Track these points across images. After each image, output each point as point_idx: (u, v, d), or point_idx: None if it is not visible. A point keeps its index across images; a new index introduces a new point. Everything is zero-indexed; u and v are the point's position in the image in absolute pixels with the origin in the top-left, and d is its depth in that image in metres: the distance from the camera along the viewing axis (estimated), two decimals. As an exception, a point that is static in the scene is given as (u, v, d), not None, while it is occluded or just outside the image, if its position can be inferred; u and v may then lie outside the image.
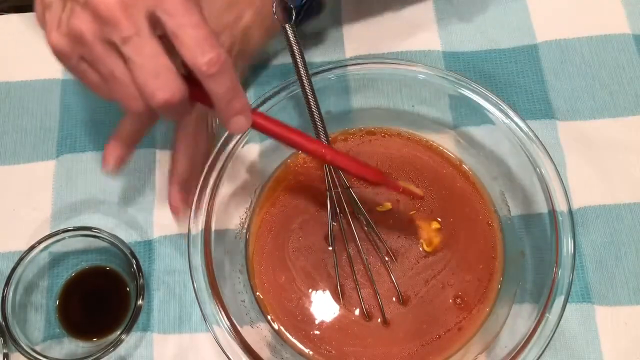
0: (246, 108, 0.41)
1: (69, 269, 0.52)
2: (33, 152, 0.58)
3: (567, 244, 0.47)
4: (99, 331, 0.51)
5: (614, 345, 0.50)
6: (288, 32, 0.49)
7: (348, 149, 0.56)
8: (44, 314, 0.52)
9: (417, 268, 0.52)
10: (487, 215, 0.53)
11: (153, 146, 0.57)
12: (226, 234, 0.52)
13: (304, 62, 0.49)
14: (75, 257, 0.53)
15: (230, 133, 0.41)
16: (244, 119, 0.41)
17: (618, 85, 0.58)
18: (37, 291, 0.52)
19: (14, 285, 0.49)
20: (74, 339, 0.51)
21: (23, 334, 0.48)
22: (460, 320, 0.50)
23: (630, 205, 0.54)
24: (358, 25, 0.62)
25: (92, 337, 0.51)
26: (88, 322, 0.52)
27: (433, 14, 0.62)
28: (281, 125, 0.43)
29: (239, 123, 0.41)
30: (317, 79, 0.52)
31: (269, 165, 0.55)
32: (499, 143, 0.52)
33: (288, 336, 0.50)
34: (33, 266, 0.50)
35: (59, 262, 0.52)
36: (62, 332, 0.51)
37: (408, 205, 0.54)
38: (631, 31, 0.60)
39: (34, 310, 0.52)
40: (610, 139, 0.56)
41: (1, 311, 0.47)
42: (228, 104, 0.39)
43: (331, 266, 0.51)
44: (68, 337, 0.51)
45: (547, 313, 0.45)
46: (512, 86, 0.59)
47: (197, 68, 0.37)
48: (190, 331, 0.51)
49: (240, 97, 0.40)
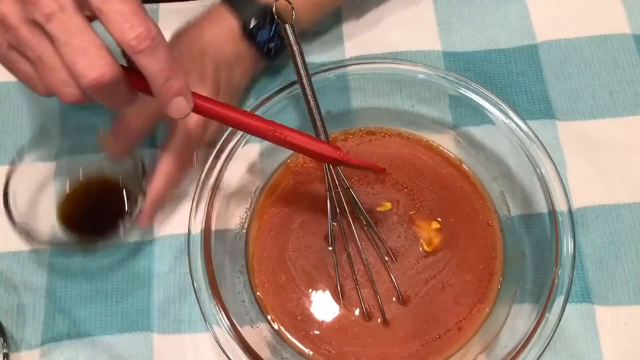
0: (185, 89, 0.39)
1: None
2: (33, 152, 0.57)
3: (567, 244, 0.47)
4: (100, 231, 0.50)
5: (614, 345, 0.50)
6: (288, 32, 0.49)
7: (348, 149, 0.56)
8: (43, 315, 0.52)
9: (417, 268, 0.52)
10: (487, 215, 0.53)
11: (153, 146, 0.57)
12: (226, 234, 0.52)
13: (304, 62, 0.49)
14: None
15: (172, 116, 0.39)
16: (184, 101, 0.39)
17: (618, 85, 0.58)
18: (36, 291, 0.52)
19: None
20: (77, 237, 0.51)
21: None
22: (460, 320, 0.50)
23: (630, 205, 0.54)
24: (358, 25, 0.62)
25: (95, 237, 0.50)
26: (90, 224, 0.51)
27: (433, 14, 0.62)
28: (227, 107, 0.42)
29: (179, 105, 0.39)
30: (317, 79, 0.52)
31: (269, 165, 0.55)
32: (499, 143, 0.52)
33: (288, 336, 0.50)
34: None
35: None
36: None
37: (408, 205, 0.54)
38: (631, 31, 0.60)
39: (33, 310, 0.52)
40: (610, 139, 0.56)
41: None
42: (164, 84, 0.37)
43: (331, 266, 0.51)
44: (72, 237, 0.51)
45: (547, 313, 0.45)
46: (512, 86, 0.59)
47: (126, 44, 0.35)
48: (190, 331, 0.51)
49: (178, 76, 0.38)
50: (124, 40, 0.35)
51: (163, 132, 0.57)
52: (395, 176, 0.55)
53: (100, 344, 0.51)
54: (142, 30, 0.35)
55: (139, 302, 0.52)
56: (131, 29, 0.35)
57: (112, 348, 0.51)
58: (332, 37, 0.61)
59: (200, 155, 0.53)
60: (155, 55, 0.36)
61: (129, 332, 0.51)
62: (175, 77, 0.38)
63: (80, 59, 0.35)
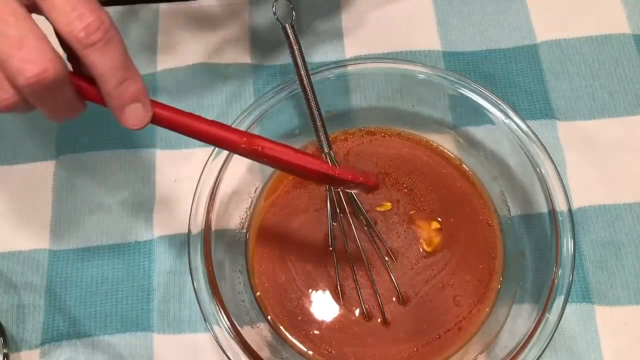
0: (143, 94, 0.33)
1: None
2: (33, 152, 0.58)
3: (567, 244, 0.47)
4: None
5: (614, 345, 0.50)
6: (288, 32, 0.49)
7: (348, 149, 0.56)
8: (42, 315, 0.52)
9: (417, 268, 0.52)
10: (487, 215, 0.53)
11: (153, 146, 0.57)
12: (226, 234, 0.52)
13: (304, 62, 0.49)
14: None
15: (127, 127, 0.33)
16: (142, 109, 0.33)
17: (618, 85, 0.58)
18: (36, 291, 0.52)
19: None
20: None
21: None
22: (460, 320, 0.50)
23: (630, 205, 0.54)
24: (358, 25, 0.62)
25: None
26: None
27: (433, 14, 0.62)
28: (192, 117, 0.36)
29: (136, 113, 0.33)
30: (317, 79, 0.52)
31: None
32: (499, 143, 0.52)
33: (288, 336, 0.50)
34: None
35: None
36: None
37: (408, 205, 0.54)
38: (631, 31, 0.60)
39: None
40: (610, 139, 0.56)
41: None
42: (118, 86, 0.32)
43: (331, 266, 0.51)
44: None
45: (547, 313, 0.45)
46: (512, 86, 0.59)
47: (72, 36, 0.30)
48: (190, 331, 0.51)
49: (134, 78, 0.32)
50: (70, 31, 0.30)
51: (163, 132, 0.58)
52: (395, 176, 0.55)
53: (100, 344, 0.51)
54: (93, 21, 0.30)
55: (139, 302, 0.52)
56: (79, 19, 0.30)
57: (112, 348, 0.51)
58: (332, 37, 0.61)
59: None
60: (108, 51, 0.31)
61: (129, 332, 0.51)
62: (132, 79, 0.32)
63: (16, 52, 0.29)
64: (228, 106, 0.59)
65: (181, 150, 0.57)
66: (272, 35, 0.61)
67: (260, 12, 0.62)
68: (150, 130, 0.58)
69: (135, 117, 0.33)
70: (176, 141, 0.57)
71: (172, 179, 0.56)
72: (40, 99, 0.32)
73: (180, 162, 0.57)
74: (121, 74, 0.32)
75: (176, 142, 0.57)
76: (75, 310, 0.52)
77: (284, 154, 0.38)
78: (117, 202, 0.56)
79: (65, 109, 0.33)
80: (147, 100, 0.34)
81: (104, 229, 0.55)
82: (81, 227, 0.55)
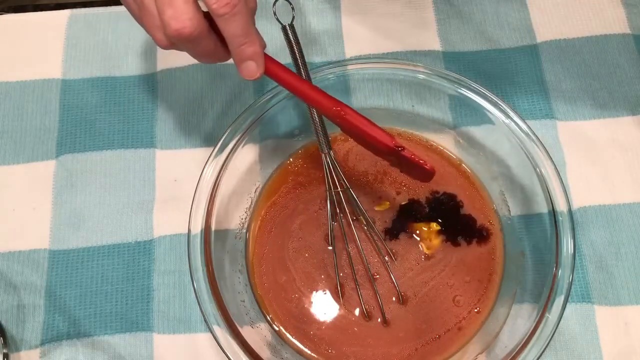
0: (257, 55, 0.42)
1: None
2: (33, 152, 0.58)
3: (567, 244, 0.47)
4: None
5: (614, 345, 0.50)
6: (288, 32, 0.49)
7: (348, 149, 0.56)
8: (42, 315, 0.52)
9: (417, 268, 0.52)
10: (487, 215, 0.53)
11: (153, 146, 0.57)
12: (226, 234, 0.52)
13: (304, 62, 0.49)
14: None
15: (242, 77, 0.42)
16: (254, 66, 0.42)
17: (618, 85, 0.58)
18: (36, 291, 0.52)
19: None
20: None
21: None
22: (460, 320, 0.50)
23: (630, 205, 0.54)
24: (358, 25, 0.62)
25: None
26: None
27: (433, 14, 0.62)
28: (295, 77, 0.44)
29: (249, 68, 0.42)
30: (317, 79, 0.52)
31: (269, 165, 0.55)
32: (499, 143, 0.52)
33: (288, 336, 0.50)
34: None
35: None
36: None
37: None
38: (631, 31, 0.60)
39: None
40: (610, 139, 0.56)
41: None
42: (238, 47, 0.41)
43: (331, 266, 0.51)
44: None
45: (547, 313, 0.45)
46: (512, 86, 0.59)
47: (209, 6, 0.39)
48: (190, 331, 0.51)
49: (253, 44, 0.41)
50: (207, 2, 0.38)
51: (163, 132, 0.57)
52: (395, 176, 0.55)
53: (100, 344, 0.51)
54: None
55: (139, 302, 0.52)
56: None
57: (112, 348, 0.51)
58: (332, 37, 0.61)
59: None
60: (233, 22, 0.39)
61: (129, 332, 0.51)
62: (249, 44, 0.41)
63: (167, 9, 0.38)
64: (228, 106, 0.59)
65: (181, 150, 0.57)
66: (272, 35, 0.61)
67: (261, 12, 0.62)
68: (150, 130, 0.58)
69: (247, 71, 0.42)
70: (176, 141, 0.57)
71: (172, 179, 0.56)
72: (183, 46, 0.41)
73: (180, 162, 0.57)
74: (241, 39, 0.40)
75: (176, 142, 0.57)
76: (75, 310, 0.52)
77: (361, 124, 0.45)
78: (117, 202, 0.56)
79: (207, 55, 0.42)
80: (261, 60, 0.42)
81: (104, 229, 0.55)
82: (81, 227, 0.55)
